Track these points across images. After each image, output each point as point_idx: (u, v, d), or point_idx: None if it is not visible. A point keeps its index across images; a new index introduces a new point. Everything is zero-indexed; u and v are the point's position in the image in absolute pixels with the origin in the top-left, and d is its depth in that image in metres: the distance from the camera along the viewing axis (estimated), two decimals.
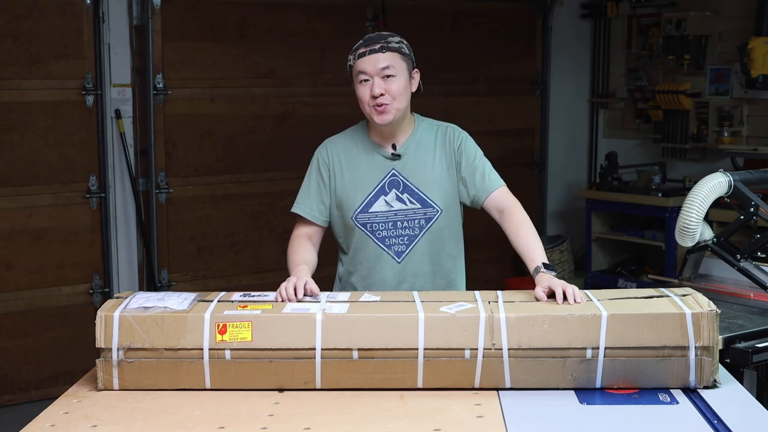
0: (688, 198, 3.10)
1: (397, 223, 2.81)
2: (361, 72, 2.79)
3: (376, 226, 2.81)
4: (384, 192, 2.82)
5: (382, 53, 2.76)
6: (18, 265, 4.85)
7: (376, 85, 2.76)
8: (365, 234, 2.82)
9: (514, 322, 2.28)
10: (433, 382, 2.29)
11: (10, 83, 4.74)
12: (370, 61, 2.78)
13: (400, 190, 2.81)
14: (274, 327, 2.29)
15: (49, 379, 4.94)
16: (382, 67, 2.76)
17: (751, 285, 3.14)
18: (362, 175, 2.83)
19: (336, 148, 2.92)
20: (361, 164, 2.85)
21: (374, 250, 2.83)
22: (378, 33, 2.85)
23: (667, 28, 6.07)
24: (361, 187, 2.82)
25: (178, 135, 5.21)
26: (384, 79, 2.76)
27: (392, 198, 2.81)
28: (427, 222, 2.81)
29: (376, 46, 2.78)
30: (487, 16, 6.19)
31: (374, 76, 2.77)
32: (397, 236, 2.82)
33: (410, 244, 2.82)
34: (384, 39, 2.80)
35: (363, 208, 2.81)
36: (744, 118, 5.94)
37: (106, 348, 2.28)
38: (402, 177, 2.82)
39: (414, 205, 2.81)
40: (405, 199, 2.81)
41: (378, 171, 2.83)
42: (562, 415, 2.16)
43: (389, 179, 2.82)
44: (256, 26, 5.36)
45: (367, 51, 2.79)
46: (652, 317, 2.26)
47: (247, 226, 5.47)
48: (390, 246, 2.82)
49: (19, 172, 4.81)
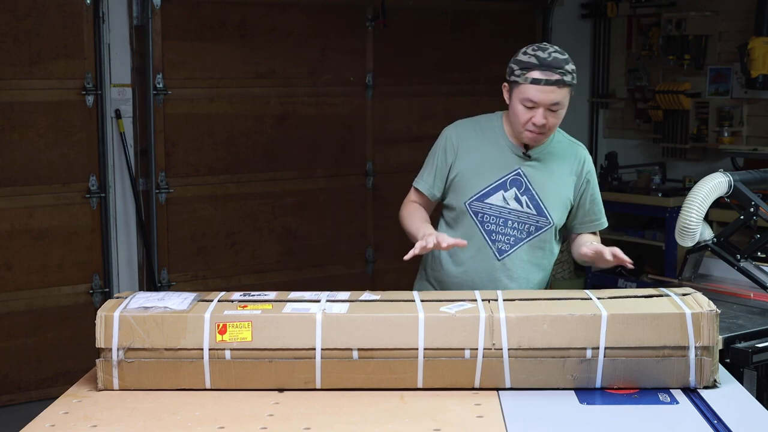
0: (688, 198, 3.10)
1: (508, 221, 2.82)
2: (530, 99, 2.69)
3: (488, 218, 2.82)
4: (504, 187, 2.81)
5: (559, 88, 2.69)
6: (18, 265, 4.85)
7: (540, 116, 2.71)
8: (474, 222, 2.83)
9: (514, 322, 2.28)
10: (433, 382, 2.29)
11: (10, 83, 4.74)
12: (543, 91, 2.69)
13: (521, 190, 2.81)
14: (274, 327, 2.29)
15: (49, 379, 4.94)
16: (553, 102, 2.70)
17: (751, 285, 3.14)
18: (487, 165, 2.82)
19: (466, 131, 2.89)
20: (488, 154, 2.83)
21: (478, 240, 2.83)
22: (555, 55, 2.72)
23: (667, 28, 6.07)
24: (482, 175, 2.82)
25: (178, 135, 5.21)
26: (549, 111, 2.71)
27: (511, 196, 2.81)
28: (537, 230, 2.83)
29: (553, 77, 2.68)
30: (487, 16, 6.19)
31: (539, 107, 2.70)
32: (504, 234, 2.83)
33: (514, 246, 2.83)
34: (560, 69, 2.69)
35: (480, 196, 2.82)
36: (744, 118, 5.95)
37: (106, 348, 2.28)
38: (526, 179, 2.82)
39: (529, 210, 2.81)
40: (523, 201, 2.81)
41: (504, 165, 2.81)
42: (562, 415, 2.16)
43: (513, 177, 2.81)
44: (256, 26, 5.36)
45: (543, 80, 2.68)
46: (652, 317, 2.26)
47: (247, 226, 5.47)
48: (495, 242, 2.83)
49: (19, 172, 4.81)
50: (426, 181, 2.91)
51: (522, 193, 2.81)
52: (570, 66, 2.72)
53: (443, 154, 2.88)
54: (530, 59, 2.69)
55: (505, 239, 2.83)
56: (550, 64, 2.68)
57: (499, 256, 2.83)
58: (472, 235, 2.83)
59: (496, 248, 2.83)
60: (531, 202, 2.81)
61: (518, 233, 2.82)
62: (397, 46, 5.82)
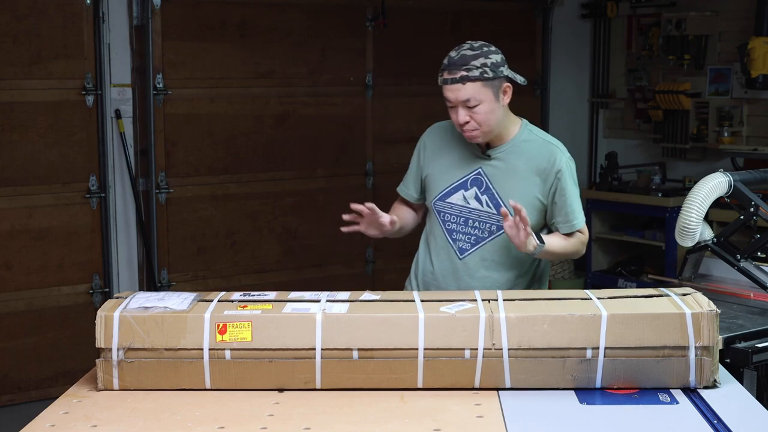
0: (688, 198, 3.10)
1: (468, 221, 2.85)
2: (446, 98, 2.73)
3: (449, 217, 2.87)
4: (465, 187, 2.85)
5: (463, 84, 2.69)
6: (18, 265, 4.85)
7: (460, 115, 2.72)
8: (438, 221, 2.89)
9: (514, 322, 2.28)
10: (433, 382, 2.29)
11: (10, 83, 4.74)
12: (451, 90, 2.71)
13: (481, 190, 2.83)
14: (274, 327, 2.29)
15: (49, 379, 4.94)
16: (463, 99, 2.70)
17: (751, 285, 3.14)
18: (451, 165, 2.87)
19: (439, 132, 2.96)
20: (453, 154, 2.88)
21: (441, 239, 2.89)
22: (463, 53, 2.71)
23: (667, 28, 6.07)
24: (446, 175, 2.87)
25: (178, 135, 5.21)
26: (468, 109, 2.71)
27: (471, 195, 2.84)
28: (498, 229, 2.81)
29: (457, 75, 2.68)
30: (487, 16, 6.19)
31: (457, 106, 2.72)
32: (465, 233, 2.85)
33: (475, 245, 2.85)
34: (465, 65, 2.68)
35: (442, 195, 2.88)
36: (744, 118, 5.95)
37: (106, 348, 2.28)
38: (487, 178, 2.83)
39: (489, 209, 2.82)
40: (483, 200, 2.83)
41: (465, 165, 2.85)
42: (562, 415, 2.16)
43: (474, 176, 2.84)
44: (256, 26, 5.36)
45: (449, 79, 2.70)
46: (652, 317, 2.26)
47: (247, 226, 5.47)
48: (455, 240, 2.87)
49: (19, 172, 4.81)
50: (404, 183, 3.04)
51: (482, 192, 2.82)
52: (480, 60, 2.68)
53: (417, 156, 2.99)
54: (444, 61, 2.73)
55: (466, 238, 2.86)
56: (455, 62, 2.69)
57: (460, 255, 2.87)
58: (437, 234, 2.91)
59: (457, 247, 2.87)
60: (491, 201, 2.81)
61: (479, 232, 2.84)
62: (397, 46, 5.82)
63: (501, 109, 2.77)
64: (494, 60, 2.72)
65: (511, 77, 2.79)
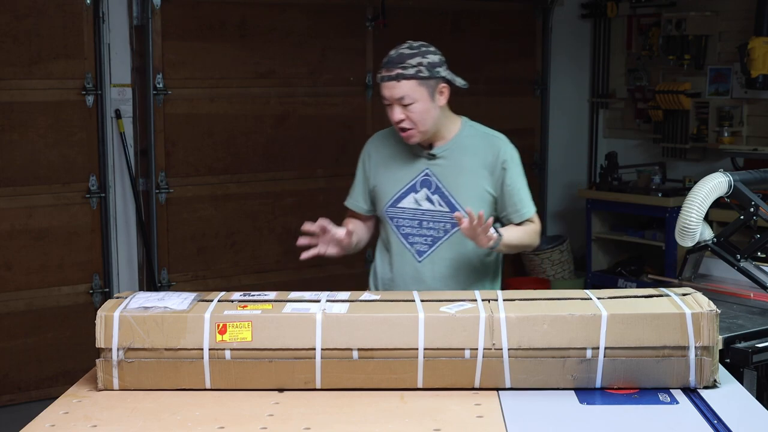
0: (688, 198, 3.10)
1: (423, 222, 2.85)
2: (382, 96, 2.78)
3: (402, 221, 2.87)
4: (414, 190, 2.86)
5: (398, 82, 2.73)
6: (18, 265, 4.85)
7: (395, 113, 2.76)
8: (392, 227, 2.90)
9: (514, 322, 2.28)
10: (433, 382, 2.29)
11: (10, 83, 4.74)
12: (387, 87, 2.76)
13: (431, 190, 2.85)
14: (274, 327, 2.29)
15: (49, 379, 4.94)
16: (397, 97, 2.74)
17: (751, 285, 3.14)
18: (397, 170, 2.88)
19: (380, 140, 2.98)
20: (398, 159, 2.90)
21: (397, 245, 2.90)
22: (401, 51, 2.78)
23: (667, 28, 6.06)
24: (394, 181, 2.88)
25: (178, 135, 5.21)
26: (403, 107, 2.75)
27: (422, 197, 2.85)
28: (452, 227, 2.83)
29: (393, 72, 2.73)
30: (487, 16, 6.19)
31: (393, 103, 2.76)
32: (421, 235, 2.86)
33: (433, 245, 2.86)
34: (402, 63, 2.74)
35: (393, 202, 2.88)
36: (744, 118, 5.95)
37: (106, 348, 2.28)
38: (435, 178, 2.85)
39: (441, 208, 2.84)
40: (434, 200, 2.84)
41: (412, 169, 2.87)
42: (562, 415, 2.16)
43: (422, 178, 2.86)
44: (256, 26, 5.37)
45: (385, 77, 2.76)
46: (652, 317, 2.26)
47: (247, 226, 5.47)
48: (413, 244, 2.88)
49: (19, 172, 4.81)
50: (351, 197, 3.04)
51: (433, 192, 2.84)
52: (416, 59, 2.73)
53: (362, 167, 3.00)
54: (384, 59, 2.78)
55: (423, 240, 2.86)
56: (392, 60, 2.75)
57: (419, 258, 2.87)
58: (392, 241, 2.91)
59: (415, 250, 2.88)
60: (443, 200, 2.83)
61: (435, 232, 2.86)
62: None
63: (437, 109, 2.79)
64: (431, 60, 2.75)
65: (449, 79, 2.82)
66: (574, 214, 6.73)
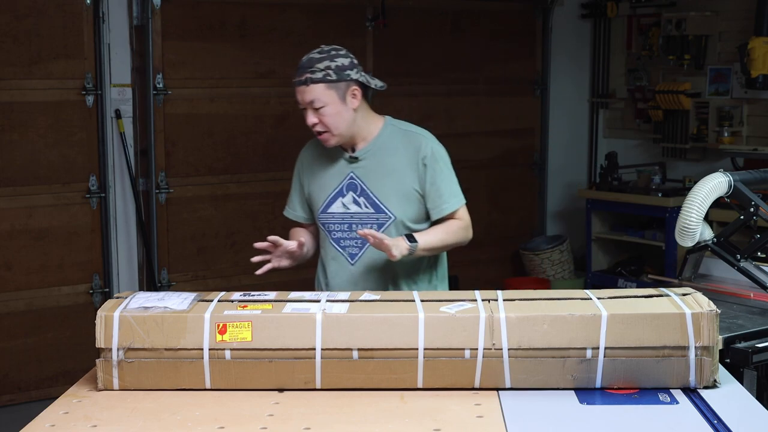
0: (688, 198, 3.10)
1: (351, 225, 2.88)
2: (297, 101, 2.81)
3: (333, 226, 2.90)
4: (342, 194, 2.89)
5: (307, 86, 2.76)
6: (18, 265, 4.85)
7: (308, 117, 2.79)
8: (325, 234, 2.93)
9: (514, 322, 2.28)
10: (433, 382, 2.29)
11: (10, 83, 4.74)
12: (299, 92, 2.79)
13: (357, 193, 2.88)
14: (274, 327, 2.29)
15: (49, 379, 4.94)
16: (308, 101, 2.77)
17: (751, 285, 3.14)
18: (325, 177, 2.91)
19: (310, 149, 2.99)
20: (325, 166, 2.92)
21: (331, 250, 2.93)
22: (311, 56, 2.81)
23: (667, 28, 6.06)
24: (323, 187, 2.91)
25: (178, 135, 5.21)
26: (315, 111, 2.77)
27: (349, 200, 2.88)
28: (379, 227, 2.85)
29: (302, 77, 2.77)
30: (487, 16, 6.19)
31: (306, 108, 2.79)
32: (351, 238, 2.89)
33: (363, 247, 2.88)
34: (311, 68, 2.77)
35: (323, 208, 2.91)
36: (744, 118, 5.95)
37: (106, 348, 2.28)
38: (359, 181, 2.87)
39: (368, 210, 2.87)
40: (361, 202, 2.87)
41: (338, 173, 2.89)
42: (562, 415, 2.16)
43: (347, 182, 2.88)
44: (256, 26, 5.37)
45: (296, 81, 2.79)
46: (652, 317, 2.26)
47: (247, 226, 5.47)
48: (344, 248, 2.91)
49: (19, 172, 4.81)
50: (290, 206, 3.07)
51: (359, 195, 2.87)
52: (324, 63, 2.77)
53: (297, 176, 3.02)
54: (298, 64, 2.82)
55: (353, 243, 2.89)
56: (302, 65, 2.79)
57: (352, 261, 2.90)
58: (326, 247, 2.94)
59: (347, 254, 2.91)
60: (368, 201, 2.86)
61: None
62: (397, 46, 5.82)
63: (349, 111, 2.80)
64: (339, 63, 2.79)
65: (363, 81, 2.83)
66: (574, 214, 6.74)
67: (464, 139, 6.05)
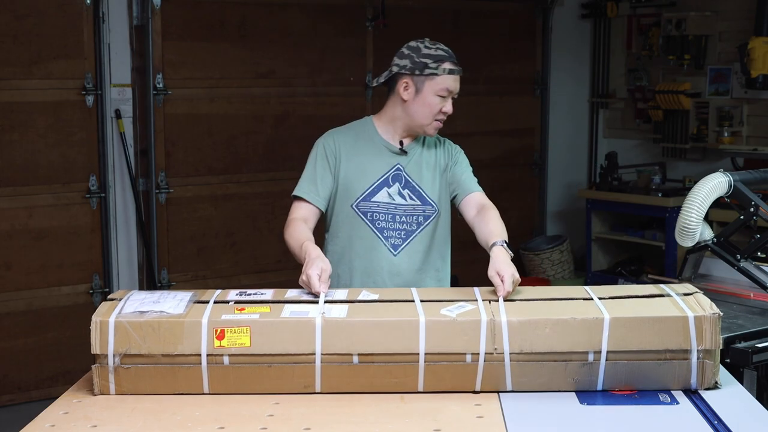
0: (688, 198, 3.10)
1: (396, 216, 2.89)
2: (447, 89, 2.85)
3: (377, 215, 2.89)
4: (387, 184, 2.89)
5: (461, 74, 2.89)
6: (18, 265, 4.85)
7: (450, 104, 2.88)
8: (364, 222, 2.89)
9: (516, 326, 2.26)
10: (433, 386, 2.28)
11: (10, 83, 4.74)
12: (456, 80, 2.88)
13: (402, 185, 2.90)
14: (273, 332, 2.26)
15: (49, 379, 4.94)
16: (457, 89, 2.89)
17: (751, 285, 3.14)
18: (368, 165, 2.90)
19: (341, 137, 2.97)
20: (367, 155, 2.91)
21: (371, 239, 2.89)
22: (445, 47, 2.93)
23: (667, 28, 6.06)
24: (366, 175, 2.89)
25: (178, 135, 5.21)
26: (452, 99, 2.89)
27: (395, 191, 2.90)
28: (425, 219, 2.90)
29: (460, 66, 2.89)
30: (487, 16, 6.19)
31: (449, 96, 2.87)
32: (395, 229, 2.89)
33: (407, 239, 2.90)
34: (456, 58, 2.91)
35: (366, 196, 2.89)
36: (744, 118, 5.94)
37: (102, 354, 2.25)
38: (405, 173, 2.90)
39: (414, 202, 2.90)
40: (406, 194, 2.89)
41: (383, 163, 2.90)
42: (562, 416, 2.16)
43: (393, 173, 2.90)
44: (256, 26, 5.36)
45: (456, 70, 2.87)
46: (655, 320, 2.25)
47: (247, 226, 5.47)
48: (387, 238, 2.89)
49: (19, 172, 4.80)
50: (309, 189, 2.90)
51: (403, 187, 2.90)
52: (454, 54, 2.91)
53: (324, 161, 2.93)
54: (438, 52, 2.87)
55: (397, 234, 2.89)
56: (453, 55, 2.91)
57: (395, 252, 2.89)
58: (364, 235, 2.89)
59: (390, 244, 2.89)
60: (413, 193, 2.90)
61: (408, 226, 2.89)
62: (397, 46, 5.79)
63: None
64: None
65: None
66: (574, 214, 6.73)
67: (464, 139, 5.98)
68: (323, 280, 2.49)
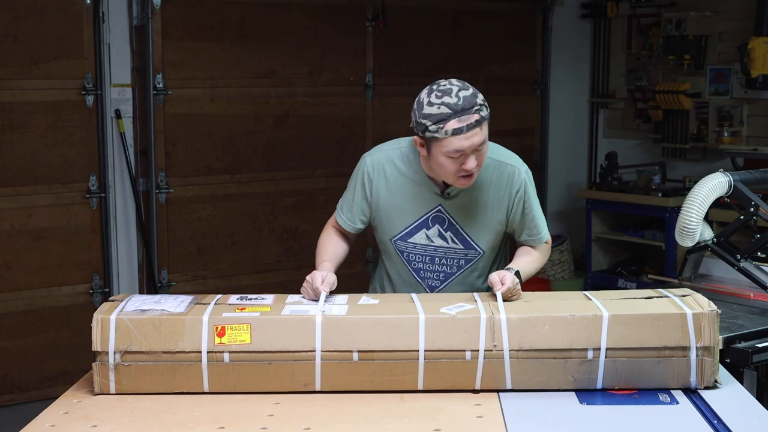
0: (688, 198, 3.10)
1: (435, 258, 2.72)
2: (456, 150, 2.45)
3: (413, 256, 2.73)
4: (427, 226, 2.68)
5: (480, 128, 2.46)
6: (18, 265, 4.85)
7: (470, 162, 2.48)
8: (401, 260, 2.75)
9: (515, 323, 2.27)
10: (433, 383, 2.29)
11: (10, 83, 4.74)
12: (467, 138, 2.44)
13: (444, 227, 2.68)
14: (273, 329, 2.28)
15: (49, 379, 4.93)
16: (478, 144, 2.46)
17: (751, 285, 3.14)
18: (406, 203, 2.67)
19: (383, 162, 2.70)
20: (406, 190, 2.67)
21: (408, 277, 2.77)
22: (462, 95, 2.45)
23: (667, 28, 6.06)
24: (402, 214, 2.69)
25: (178, 135, 5.21)
26: (476, 152, 2.49)
27: (434, 233, 2.69)
28: (467, 263, 2.72)
29: (473, 119, 2.44)
30: (487, 16, 6.19)
31: (469, 153, 2.48)
32: (433, 271, 2.74)
33: (445, 281, 2.75)
34: (476, 105, 2.46)
35: (403, 236, 2.71)
36: (744, 118, 5.94)
37: (102, 351, 2.26)
38: (448, 215, 2.67)
39: (456, 245, 2.70)
40: (448, 237, 2.69)
41: (423, 203, 2.67)
42: (562, 415, 2.16)
43: (434, 214, 2.68)
44: (256, 26, 5.36)
45: (464, 127, 2.43)
46: (654, 317, 2.26)
47: (247, 226, 5.47)
48: (424, 279, 2.75)
49: (19, 172, 4.80)
50: (346, 216, 2.79)
51: (445, 229, 2.67)
52: (480, 98, 2.49)
53: (361, 187, 2.73)
54: (441, 109, 2.44)
55: (434, 276, 2.74)
56: (463, 107, 2.44)
57: (431, 292, 2.75)
58: (401, 271, 2.78)
59: (427, 285, 2.75)
60: (456, 237, 2.68)
61: (447, 268, 2.73)
62: (397, 46, 5.81)
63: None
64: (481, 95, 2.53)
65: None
66: (574, 214, 6.73)
67: None
68: (326, 282, 2.48)
